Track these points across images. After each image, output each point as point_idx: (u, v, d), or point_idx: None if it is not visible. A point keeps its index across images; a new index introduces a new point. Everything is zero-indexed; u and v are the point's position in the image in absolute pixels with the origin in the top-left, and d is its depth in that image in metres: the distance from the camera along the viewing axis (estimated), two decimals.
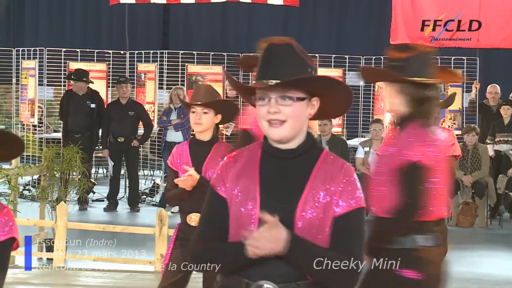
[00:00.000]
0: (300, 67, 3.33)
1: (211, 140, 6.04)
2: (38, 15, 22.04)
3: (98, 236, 11.46)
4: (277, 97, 3.29)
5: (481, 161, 13.58)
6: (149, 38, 20.45)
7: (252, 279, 3.29)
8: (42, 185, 10.69)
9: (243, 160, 3.44)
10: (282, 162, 3.38)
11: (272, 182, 3.36)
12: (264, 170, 3.38)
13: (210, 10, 19.40)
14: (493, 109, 14.96)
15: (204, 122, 5.95)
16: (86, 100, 14.46)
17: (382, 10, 17.67)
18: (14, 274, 9.45)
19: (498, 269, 10.57)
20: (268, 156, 3.40)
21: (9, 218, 3.51)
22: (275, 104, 3.29)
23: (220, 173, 3.45)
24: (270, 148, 3.40)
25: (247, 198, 3.34)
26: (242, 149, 3.51)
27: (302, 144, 3.39)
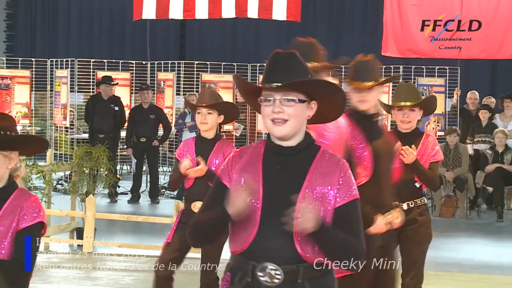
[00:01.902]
0: (301, 73, 3.33)
1: (214, 138, 6.08)
2: (69, 29, 22.08)
3: (122, 225, 11.48)
4: (281, 98, 3.29)
5: (462, 159, 13.57)
6: (168, 49, 20.46)
7: (257, 262, 3.29)
8: (73, 180, 10.69)
9: (248, 155, 3.43)
10: (284, 158, 3.37)
11: (274, 176, 3.35)
12: (266, 165, 3.37)
13: (221, 25, 19.39)
14: (472, 113, 14.94)
15: (209, 122, 5.99)
16: (110, 104, 14.48)
17: (374, 26, 17.66)
18: (48, 259, 9.45)
19: (477, 254, 10.54)
20: (271, 153, 3.40)
21: (37, 205, 3.55)
22: (279, 105, 3.29)
23: (226, 166, 3.44)
24: (273, 145, 3.39)
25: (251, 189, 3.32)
26: (247, 146, 3.51)
27: (301, 142, 3.38)
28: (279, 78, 3.28)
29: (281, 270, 3.28)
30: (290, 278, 3.29)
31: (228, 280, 3.40)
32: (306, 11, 17.25)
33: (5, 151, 3.53)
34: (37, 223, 3.52)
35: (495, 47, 15.05)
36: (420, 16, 15.46)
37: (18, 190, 3.59)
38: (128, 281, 8.49)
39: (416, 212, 5.77)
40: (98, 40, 21.79)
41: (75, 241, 10.29)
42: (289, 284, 3.29)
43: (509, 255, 10.60)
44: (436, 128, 14.95)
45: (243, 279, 3.33)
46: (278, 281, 3.28)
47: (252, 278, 3.31)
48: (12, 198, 3.55)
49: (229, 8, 14.78)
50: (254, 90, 3.42)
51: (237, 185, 3.31)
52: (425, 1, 15.08)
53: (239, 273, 3.35)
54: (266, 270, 3.28)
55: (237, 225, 3.32)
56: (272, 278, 3.28)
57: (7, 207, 3.52)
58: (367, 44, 18.88)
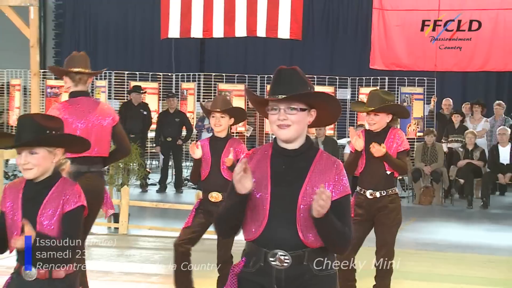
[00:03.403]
0: (302, 86, 3.33)
1: (226, 137, 6.08)
2: (107, 46, 22.11)
3: (152, 211, 11.50)
4: (285, 108, 3.30)
5: (438, 156, 13.56)
6: (190, 63, 20.45)
7: (268, 249, 3.30)
8: (110, 173, 10.70)
9: (258, 156, 3.43)
10: (288, 158, 3.38)
11: (280, 174, 3.35)
12: (274, 165, 3.37)
13: (235, 42, 19.38)
14: (447, 117, 14.92)
15: (222, 124, 6.01)
16: (140, 109, 14.52)
17: (364, 43, 17.62)
18: (89, 240, 9.44)
19: (450, 235, 10.53)
20: (277, 154, 3.40)
21: (78, 191, 3.58)
22: (284, 113, 3.30)
23: None
24: (278, 148, 3.40)
25: (260, 186, 3.33)
26: (256, 149, 3.51)
27: (303, 145, 3.39)
28: (284, 91, 3.29)
29: (289, 255, 3.28)
30: (297, 261, 3.29)
31: (243, 264, 3.40)
32: (306, 31, 17.23)
33: (50, 147, 3.55)
34: (79, 206, 3.55)
35: (466, 61, 14.99)
36: (420, 17, 14.89)
37: (62, 179, 3.61)
38: (157, 258, 8.51)
39: (387, 200, 5.76)
40: (131, 55, 21.81)
41: (112, 225, 10.30)
42: (296, 266, 3.30)
43: (477, 236, 10.58)
44: (416, 129, 14.94)
45: (257, 264, 3.34)
46: (287, 264, 3.29)
47: (264, 262, 3.31)
48: (56, 185, 3.57)
49: (241, 28, 14.78)
50: (262, 101, 3.43)
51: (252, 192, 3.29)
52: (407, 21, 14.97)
53: (253, 258, 3.36)
54: (276, 255, 3.29)
55: (249, 216, 3.32)
56: (282, 262, 3.29)
57: (52, 193, 3.54)
58: (358, 59, 18.88)
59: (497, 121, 14.63)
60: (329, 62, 20.08)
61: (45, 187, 3.56)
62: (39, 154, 3.53)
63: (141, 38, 21.64)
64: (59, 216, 3.50)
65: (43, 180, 3.57)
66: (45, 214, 3.50)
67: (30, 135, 3.50)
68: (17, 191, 3.58)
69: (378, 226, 5.78)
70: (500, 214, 12.68)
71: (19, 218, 3.52)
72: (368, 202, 5.75)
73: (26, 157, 3.52)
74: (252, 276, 3.35)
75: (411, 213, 12.02)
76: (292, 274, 3.30)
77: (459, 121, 14.54)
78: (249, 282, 3.35)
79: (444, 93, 16.44)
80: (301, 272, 3.30)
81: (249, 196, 3.24)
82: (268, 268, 3.31)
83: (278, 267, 3.29)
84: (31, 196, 3.55)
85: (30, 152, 3.52)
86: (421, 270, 7.98)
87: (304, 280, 3.31)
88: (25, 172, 3.54)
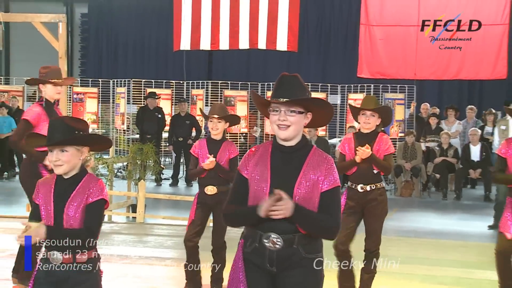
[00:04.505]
0: (301, 91, 3.35)
1: (221, 140, 6.07)
2: (127, 57, 22.12)
3: (165, 202, 11.49)
4: (285, 110, 3.32)
5: (417, 154, 13.54)
6: (199, 72, 20.46)
7: (263, 231, 3.31)
8: (129, 169, 10.70)
9: (259, 153, 3.44)
10: (286, 155, 3.39)
11: (279, 168, 3.36)
12: (273, 160, 3.39)
13: (239, 53, 19.37)
14: (425, 119, 14.91)
15: (219, 128, 6.02)
16: (155, 113, 14.53)
17: (352, 53, 17.59)
18: (110, 227, 9.49)
19: (428, 224, 10.53)
20: (276, 151, 3.41)
21: (101, 186, 3.60)
22: (284, 115, 3.32)
23: (243, 162, 3.45)
24: (277, 145, 3.41)
25: (261, 179, 3.35)
26: (258, 146, 3.51)
27: (299, 142, 3.40)
28: (285, 95, 3.30)
29: (281, 238, 3.30)
30: (288, 244, 3.30)
31: (242, 244, 3.42)
32: (302, 44, 17.18)
33: (78, 146, 3.56)
34: (100, 199, 3.55)
35: (441, 70, 14.97)
36: (420, 17, 14.35)
37: (88, 175, 3.62)
38: (170, 244, 8.51)
39: (376, 193, 5.74)
40: (147, 65, 21.82)
41: (130, 214, 10.30)
42: (287, 249, 3.31)
43: (451, 224, 10.58)
44: (398, 130, 14.91)
45: (253, 244, 3.35)
46: (278, 246, 3.30)
47: (259, 243, 3.33)
48: (83, 181, 3.57)
49: (244, 41, 14.78)
50: (266, 103, 3.44)
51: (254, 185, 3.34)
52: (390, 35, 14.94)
53: (250, 240, 3.37)
54: (269, 238, 3.30)
55: (251, 203, 3.34)
56: (274, 244, 3.30)
57: (79, 187, 3.55)
58: (347, 68, 18.87)
59: (469, 123, 14.62)
60: (322, 71, 20.09)
61: (73, 183, 3.57)
62: (69, 152, 3.54)
63: (156, 50, 21.65)
64: (83, 207, 3.51)
65: (72, 177, 3.59)
66: (72, 206, 3.52)
67: (61, 135, 3.52)
68: (49, 186, 3.60)
69: (368, 216, 5.76)
70: (471, 205, 12.67)
71: (51, 209, 3.53)
72: (359, 195, 5.74)
73: (57, 154, 3.53)
74: (248, 255, 3.36)
75: (393, 204, 11.99)
76: (283, 255, 3.30)
77: (436, 123, 14.56)
78: (247, 261, 3.36)
79: (423, 99, 16.41)
80: (291, 254, 3.31)
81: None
82: (262, 249, 3.32)
83: (271, 248, 3.31)
84: (61, 191, 3.56)
85: (61, 150, 3.54)
86: (402, 254, 7.97)
87: (293, 262, 3.32)
88: (56, 168, 3.55)
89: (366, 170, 5.71)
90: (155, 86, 16.78)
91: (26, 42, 20.66)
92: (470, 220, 10.96)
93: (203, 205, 6.02)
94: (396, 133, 14.84)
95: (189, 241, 5.94)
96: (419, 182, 13.57)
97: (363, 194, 5.73)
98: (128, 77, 17.44)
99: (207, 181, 6.00)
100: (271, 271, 3.34)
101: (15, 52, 22.93)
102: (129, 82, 16.42)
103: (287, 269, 3.32)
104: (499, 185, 9.30)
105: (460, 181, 13.36)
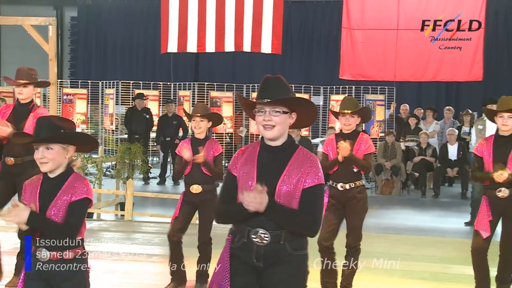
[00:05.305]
0: (285, 92, 3.34)
1: (205, 138, 6.03)
2: (115, 59, 22.01)
3: (153, 200, 11.45)
4: (270, 110, 3.31)
5: (397, 153, 13.59)
6: (186, 73, 20.38)
7: (252, 227, 3.30)
8: (117, 168, 10.66)
9: (248, 152, 3.44)
10: (272, 154, 3.38)
11: (265, 166, 3.35)
12: (260, 159, 3.38)
13: (225, 55, 19.30)
14: (404, 120, 14.96)
15: (201, 126, 5.98)
16: (143, 113, 14.48)
17: (334, 57, 17.57)
18: (99, 225, 9.43)
19: (407, 221, 10.57)
20: (263, 150, 3.40)
21: (86, 185, 3.57)
22: (269, 115, 3.31)
23: (233, 161, 3.45)
24: (264, 145, 3.41)
25: (248, 176, 3.34)
26: (247, 145, 3.50)
27: (284, 142, 3.39)
28: (269, 95, 3.29)
29: (268, 234, 3.28)
30: (275, 240, 3.29)
31: (230, 240, 3.40)
32: (285, 46, 17.21)
33: (64, 144, 3.53)
34: (84, 198, 3.51)
35: (420, 72, 15.04)
36: (420, 16, 14.09)
37: (73, 174, 3.59)
38: (157, 241, 8.47)
39: (356, 190, 5.75)
40: (135, 67, 21.71)
41: (119, 212, 10.27)
42: (274, 244, 3.29)
43: (429, 221, 10.63)
44: (379, 130, 14.96)
45: (241, 240, 3.34)
46: (266, 241, 3.29)
47: (247, 239, 3.31)
48: (69, 180, 3.53)
49: (230, 44, 14.79)
50: (251, 104, 3.43)
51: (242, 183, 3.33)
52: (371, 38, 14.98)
53: (238, 235, 3.36)
54: (257, 233, 3.29)
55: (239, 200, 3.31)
56: (262, 239, 3.29)
57: (65, 186, 3.51)
58: (329, 70, 18.88)
59: (447, 124, 14.69)
60: (305, 73, 20.08)
61: (59, 181, 3.54)
62: (54, 149, 3.51)
63: (144, 52, 21.55)
64: (66, 206, 3.48)
65: (58, 175, 3.55)
66: (57, 205, 3.48)
67: (46, 133, 3.49)
68: (35, 186, 3.56)
69: (348, 213, 5.76)
70: (448, 202, 12.73)
71: (37, 208, 3.49)
72: (339, 193, 5.74)
73: (43, 152, 3.50)
74: (236, 251, 3.35)
75: (374, 201, 12.02)
76: (270, 251, 3.29)
77: (415, 123, 14.63)
78: (234, 257, 3.35)
79: (402, 100, 16.48)
80: (278, 250, 3.30)
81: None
82: (250, 244, 3.31)
83: (258, 244, 3.29)
84: (47, 190, 3.53)
85: (46, 148, 3.50)
86: (382, 250, 7.99)
87: (280, 257, 3.30)
88: (41, 165, 3.52)
89: (346, 169, 5.73)
90: (143, 87, 16.72)
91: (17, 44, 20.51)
92: (447, 217, 11.00)
93: (188, 202, 6.01)
94: (377, 133, 14.88)
95: (173, 237, 5.94)
96: (398, 180, 13.61)
97: (343, 192, 5.74)
98: (116, 78, 17.36)
99: (193, 180, 5.98)
100: (257, 266, 3.32)
101: (6, 54, 22.76)
102: (118, 84, 16.34)
103: (273, 264, 3.31)
104: (474, 183, 9.34)
105: (438, 180, 13.41)
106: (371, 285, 6.42)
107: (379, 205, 11.86)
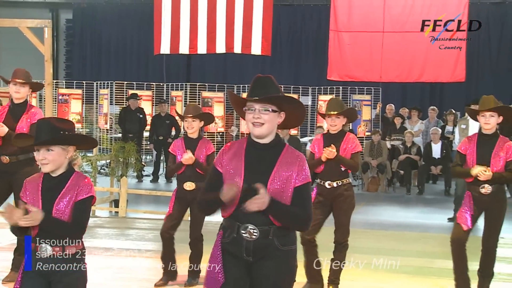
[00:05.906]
0: (275, 91, 3.35)
1: (197, 138, 6.06)
2: (109, 60, 21.96)
3: (146, 198, 11.44)
4: (259, 108, 3.31)
5: (382, 151, 13.63)
6: (178, 74, 20.35)
7: (241, 222, 3.31)
8: (112, 166, 10.63)
9: (234, 148, 3.43)
10: (260, 151, 3.38)
11: (253, 164, 3.35)
12: (247, 156, 3.38)
13: (216, 57, 19.26)
14: (390, 119, 15.01)
15: (194, 126, 6.00)
16: (136, 113, 14.46)
17: (322, 58, 17.61)
18: (94, 221, 9.42)
19: (392, 217, 10.60)
20: (251, 147, 3.40)
21: (89, 184, 3.57)
22: (258, 113, 3.32)
23: (219, 156, 3.44)
24: (252, 142, 3.40)
25: (236, 173, 3.34)
26: (234, 142, 3.50)
27: (272, 140, 3.39)
28: (259, 94, 3.30)
29: (257, 229, 3.30)
30: (264, 235, 3.31)
31: (221, 235, 3.41)
32: (275, 48, 17.24)
33: (63, 145, 3.54)
34: (89, 196, 3.54)
35: (405, 74, 15.08)
36: (420, 17, 13.81)
37: (75, 173, 3.60)
38: (150, 237, 8.47)
39: (343, 188, 5.78)
40: (129, 68, 21.67)
41: (113, 209, 10.24)
42: (263, 239, 3.31)
43: (414, 217, 10.67)
44: (365, 130, 15.00)
45: (231, 235, 3.35)
46: (255, 237, 3.30)
47: (237, 234, 3.33)
48: (71, 179, 3.55)
49: (221, 46, 14.77)
50: (241, 101, 3.44)
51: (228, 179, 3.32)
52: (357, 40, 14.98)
53: (228, 231, 3.37)
54: (247, 229, 3.30)
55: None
56: (251, 234, 3.30)
57: (68, 185, 3.52)
58: (317, 72, 18.92)
59: (431, 123, 14.75)
60: (294, 74, 20.10)
61: (62, 181, 3.54)
62: (55, 151, 3.52)
63: (137, 53, 21.51)
64: (72, 204, 3.49)
65: (60, 175, 3.56)
66: (62, 203, 3.49)
67: (47, 135, 3.49)
68: (37, 184, 3.56)
69: (336, 210, 5.79)
70: (432, 199, 12.79)
71: (39, 206, 3.50)
72: (327, 191, 5.77)
73: (43, 153, 3.51)
74: (227, 245, 3.36)
75: (361, 198, 12.04)
76: (259, 246, 3.31)
77: (400, 123, 14.67)
78: (224, 251, 3.36)
79: (388, 100, 16.54)
80: (266, 244, 3.31)
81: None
82: (240, 239, 3.32)
83: (248, 239, 3.31)
84: (49, 188, 3.53)
85: (47, 149, 3.51)
86: (369, 245, 8.02)
87: (269, 252, 3.32)
88: (42, 166, 3.53)
89: (333, 168, 5.76)
90: (137, 88, 16.69)
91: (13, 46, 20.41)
92: (431, 213, 11.05)
93: (181, 199, 6.02)
94: (363, 132, 14.92)
95: (166, 233, 5.96)
96: (384, 178, 13.66)
97: (331, 190, 5.77)
98: (111, 79, 17.32)
99: (186, 178, 5.99)
100: (247, 260, 3.34)
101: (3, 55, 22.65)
102: (112, 84, 16.31)
103: (262, 259, 3.33)
104: (458, 180, 9.39)
105: (422, 177, 13.47)
106: (358, 279, 6.45)
107: (365, 202, 11.90)
